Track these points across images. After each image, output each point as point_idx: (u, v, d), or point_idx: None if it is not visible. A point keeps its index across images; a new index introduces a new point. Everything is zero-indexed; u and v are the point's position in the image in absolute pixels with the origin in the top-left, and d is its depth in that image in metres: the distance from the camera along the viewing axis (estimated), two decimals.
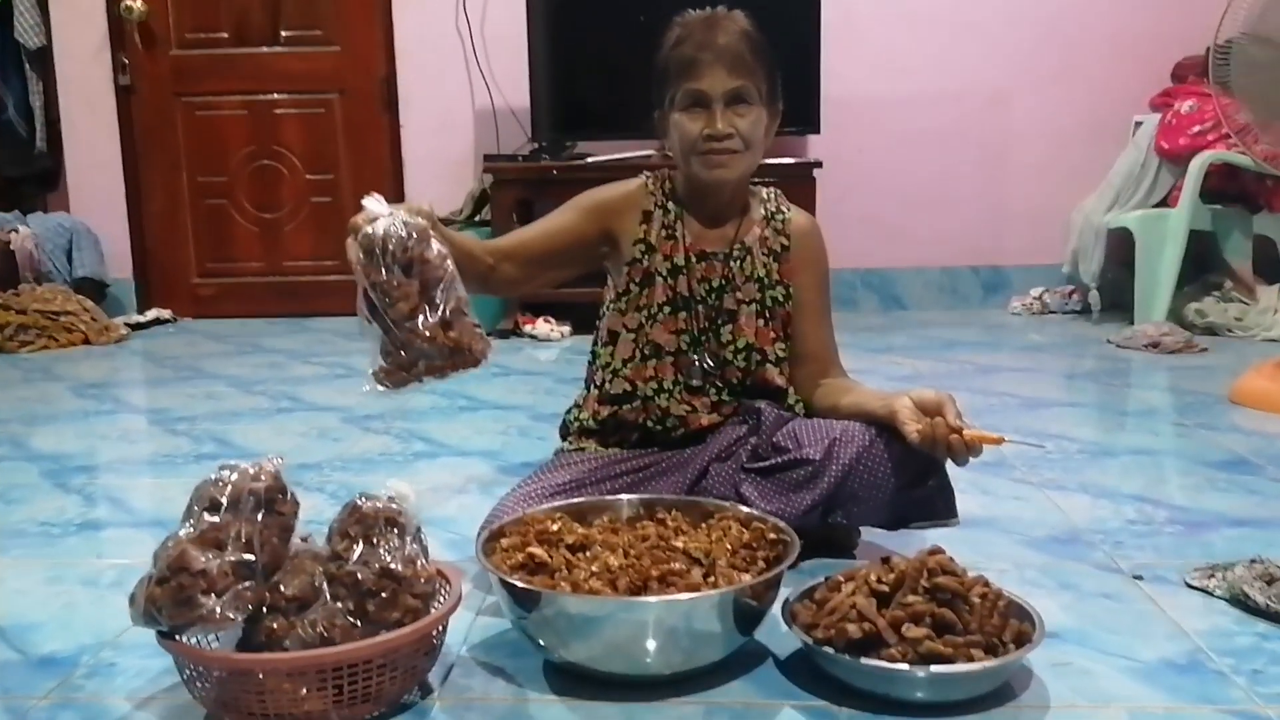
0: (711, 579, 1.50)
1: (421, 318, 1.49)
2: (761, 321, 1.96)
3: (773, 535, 1.61)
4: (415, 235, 1.50)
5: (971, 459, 1.71)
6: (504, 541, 1.59)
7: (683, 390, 1.96)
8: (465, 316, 1.53)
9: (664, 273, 1.94)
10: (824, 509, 1.80)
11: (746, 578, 1.50)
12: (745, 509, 1.71)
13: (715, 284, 1.96)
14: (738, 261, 1.96)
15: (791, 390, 1.99)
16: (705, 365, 1.96)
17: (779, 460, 1.84)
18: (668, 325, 1.95)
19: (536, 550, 1.54)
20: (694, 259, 1.95)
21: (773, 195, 2.04)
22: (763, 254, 1.97)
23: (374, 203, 1.54)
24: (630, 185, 1.99)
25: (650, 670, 1.44)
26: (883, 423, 1.79)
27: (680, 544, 1.57)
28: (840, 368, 2.03)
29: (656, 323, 1.95)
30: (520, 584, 1.45)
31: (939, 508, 1.84)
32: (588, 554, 1.58)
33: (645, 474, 1.93)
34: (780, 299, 1.97)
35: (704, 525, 1.67)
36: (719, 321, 1.96)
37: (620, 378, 1.97)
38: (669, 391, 1.96)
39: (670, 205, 1.96)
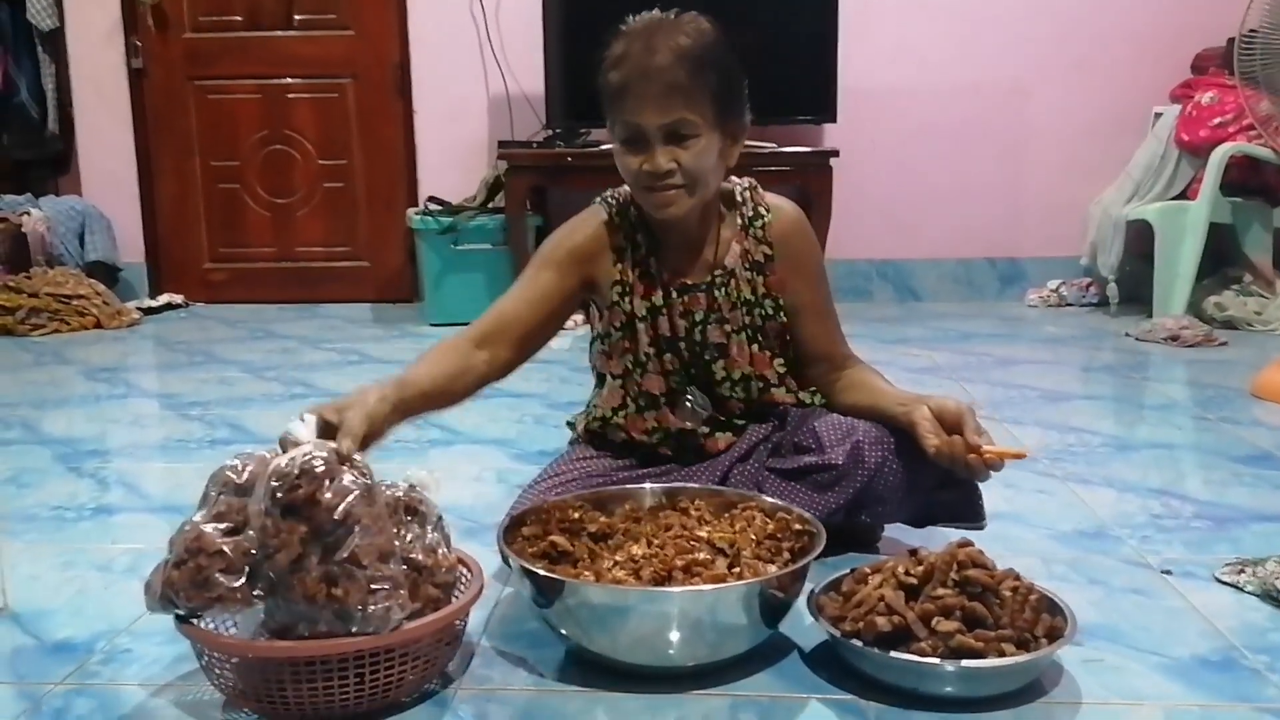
0: (736, 569, 1.48)
1: (303, 570, 1.28)
2: (755, 346, 1.85)
3: (798, 526, 1.58)
4: (307, 473, 1.29)
5: (993, 474, 1.66)
6: (525, 530, 1.56)
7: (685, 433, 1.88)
8: (361, 570, 1.28)
9: (643, 315, 1.82)
10: (849, 510, 1.76)
11: (772, 569, 1.48)
12: (770, 499, 1.68)
13: (698, 317, 1.83)
14: (721, 289, 1.83)
15: (804, 395, 1.91)
16: (699, 408, 1.86)
17: (802, 463, 1.77)
18: (655, 369, 1.84)
19: (559, 539, 1.52)
20: (674, 293, 1.82)
21: (748, 195, 1.87)
22: (746, 271, 1.83)
23: (299, 427, 1.37)
24: (595, 221, 1.83)
25: (674, 662, 1.42)
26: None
27: (704, 534, 1.55)
28: (853, 357, 1.91)
29: (646, 372, 1.84)
30: (543, 572, 1.43)
31: (965, 511, 1.80)
32: (610, 543, 1.56)
33: (669, 473, 1.89)
34: (770, 312, 1.85)
35: (728, 515, 1.64)
36: (707, 358, 1.85)
37: (613, 426, 1.89)
38: (673, 434, 1.88)
39: (639, 238, 1.82)
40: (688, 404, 1.85)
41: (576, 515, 1.61)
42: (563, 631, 1.45)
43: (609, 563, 1.48)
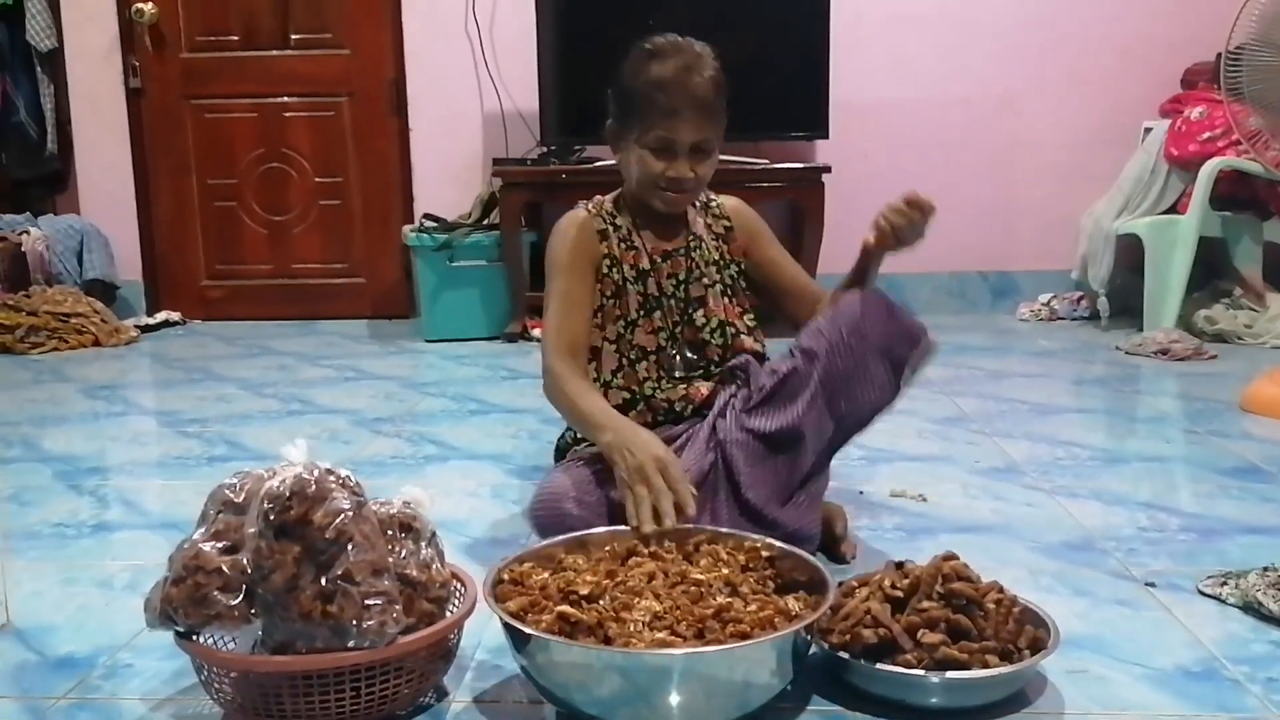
0: (752, 607, 1.41)
1: (298, 590, 1.31)
2: (727, 299, 2.09)
3: (766, 553, 1.58)
4: (298, 494, 1.32)
5: (913, 222, 1.97)
6: (511, 605, 1.41)
7: (671, 379, 2.04)
8: (355, 587, 1.31)
9: (632, 279, 2.04)
10: (829, 405, 1.86)
11: (793, 601, 1.45)
12: (715, 529, 1.69)
13: (681, 277, 2.06)
14: (696, 251, 2.08)
15: (768, 352, 2.10)
16: (685, 355, 2.06)
17: (767, 389, 1.90)
18: (645, 327, 2.04)
19: (567, 609, 1.38)
20: (659, 259, 2.06)
21: None
22: (712, 239, 2.10)
23: (291, 449, 1.38)
24: (577, 218, 2.07)
25: (749, 709, 1.35)
26: (856, 274, 2.00)
27: (700, 576, 1.49)
28: (824, 291, 2.12)
29: (636, 328, 2.04)
30: (596, 649, 1.32)
31: (914, 330, 1.94)
32: (602, 604, 1.42)
33: (668, 438, 1.93)
34: (735, 275, 2.11)
35: (696, 554, 1.60)
36: (690, 310, 2.06)
37: (615, 389, 2.03)
38: (659, 385, 2.03)
39: (619, 221, 2.07)
40: (674, 357, 2.06)
41: (559, 584, 1.47)
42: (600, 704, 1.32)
43: (634, 625, 1.37)
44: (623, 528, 1.68)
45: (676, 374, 2.05)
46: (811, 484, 1.90)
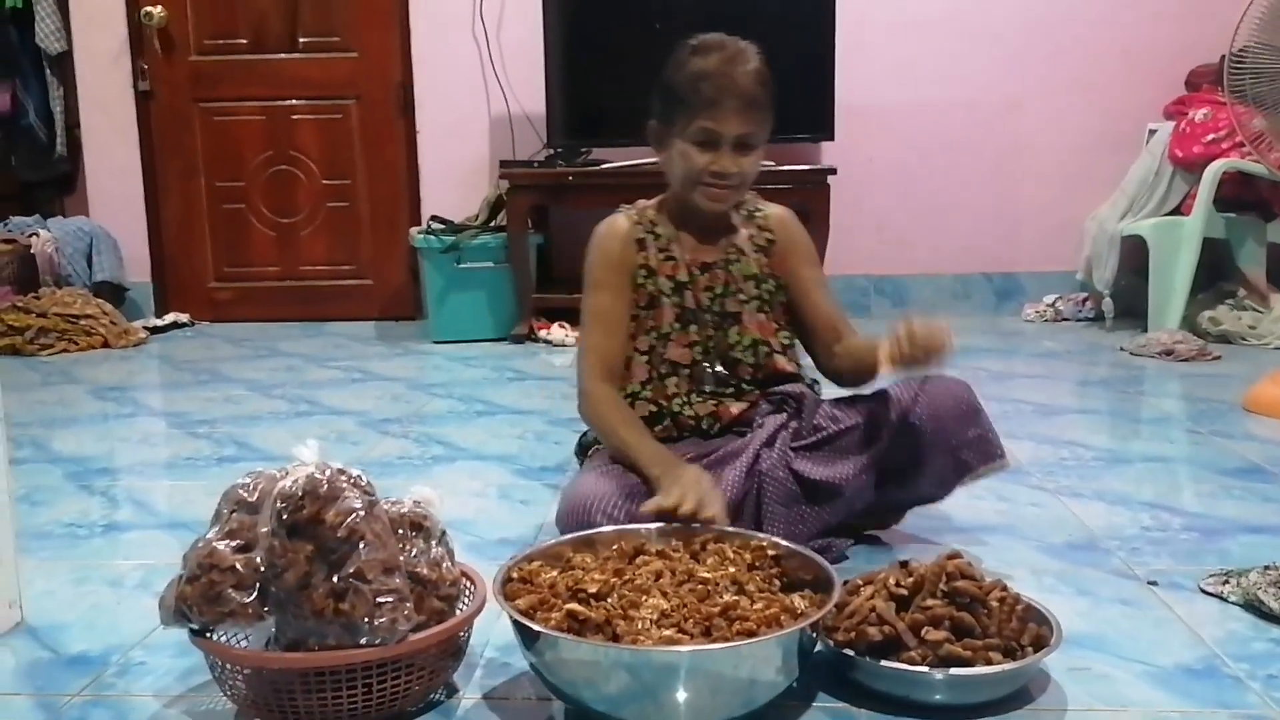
0: (758, 606, 1.42)
1: (311, 588, 1.33)
2: (763, 315, 2.03)
3: (772, 552, 1.59)
4: (310, 494, 1.34)
5: (933, 350, 1.73)
6: (520, 603, 1.42)
7: (701, 394, 2.00)
8: (366, 584, 1.33)
9: (668, 292, 1.99)
10: (878, 474, 1.89)
11: (799, 599, 1.46)
12: (730, 530, 1.67)
13: (718, 291, 2.01)
14: (736, 264, 2.02)
15: (805, 371, 2.07)
16: (716, 371, 2.01)
17: (823, 435, 1.92)
18: (680, 341, 2.00)
19: (576, 607, 1.39)
20: (696, 272, 2.01)
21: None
22: (753, 251, 2.04)
23: (303, 450, 1.40)
24: (618, 227, 2.02)
25: (755, 706, 1.36)
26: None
27: (710, 575, 1.50)
28: (849, 327, 2.07)
29: (669, 342, 1.99)
30: (604, 646, 1.34)
31: (989, 449, 1.93)
32: (610, 602, 1.44)
33: (701, 455, 1.92)
34: (773, 290, 2.04)
35: (704, 553, 1.60)
36: (725, 325, 2.01)
37: (642, 400, 2.00)
38: (689, 400, 2.00)
39: (660, 230, 2.02)
40: (706, 370, 2.01)
41: (567, 583, 1.49)
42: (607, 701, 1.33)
43: (641, 623, 1.38)
44: (630, 527, 1.69)
45: (706, 389, 2.01)
46: (833, 536, 1.92)
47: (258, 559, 1.35)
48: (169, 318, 4.84)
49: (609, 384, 1.95)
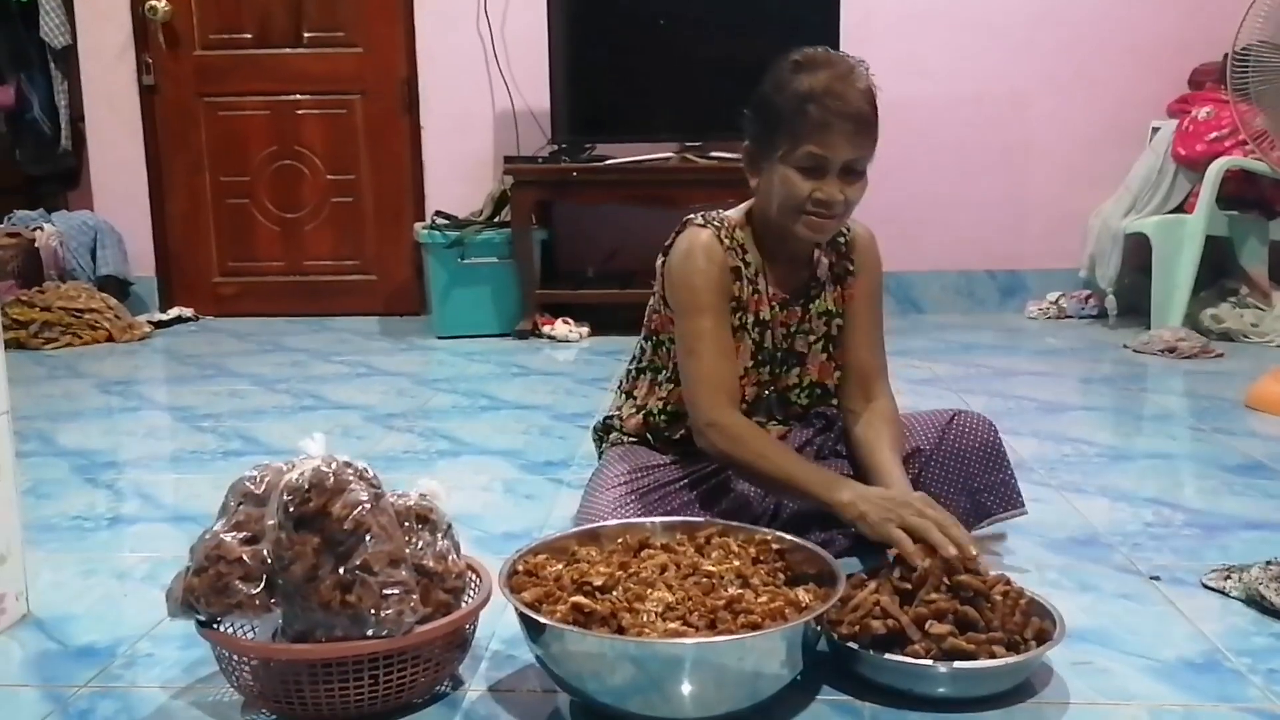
0: (763, 599, 1.43)
1: (318, 580, 1.34)
2: (825, 356, 1.94)
3: (777, 546, 1.59)
4: (317, 486, 1.35)
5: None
6: (526, 595, 1.43)
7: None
8: (373, 576, 1.34)
9: (749, 327, 1.88)
10: None
11: (803, 593, 1.46)
12: (735, 524, 1.67)
13: (792, 328, 1.92)
14: (815, 300, 1.92)
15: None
16: (773, 406, 1.94)
17: (845, 459, 1.90)
18: (750, 379, 1.90)
19: (581, 600, 1.40)
20: (776, 308, 1.90)
21: None
22: (831, 284, 1.93)
23: (309, 443, 1.41)
24: (714, 250, 1.84)
25: (760, 699, 1.37)
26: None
27: (715, 568, 1.51)
28: (884, 385, 1.96)
29: (743, 378, 1.88)
30: (609, 639, 1.34)
31: (1011, 496, 1.93)
32: (615, 595, 1.45)
33: (725, 476, 1.90)
34: (841, 325, 1.95)
35: (708, 546, 1.61)
36: (789, 364, 1.93)
37: (680, 423, 1.91)
38: None
39: (749, 258, 1.88)
40: (764, 403, 1.92)
41: (572, 575, 1.49)
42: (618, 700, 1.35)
43: (647, 616, 1.39)
44: (634, 520, 1.70)
45: (757, 419, 1.90)
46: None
47: (265, 551, 1.36)
48: (173, 312, 4.84)
49: (734, 409, 1.81)
